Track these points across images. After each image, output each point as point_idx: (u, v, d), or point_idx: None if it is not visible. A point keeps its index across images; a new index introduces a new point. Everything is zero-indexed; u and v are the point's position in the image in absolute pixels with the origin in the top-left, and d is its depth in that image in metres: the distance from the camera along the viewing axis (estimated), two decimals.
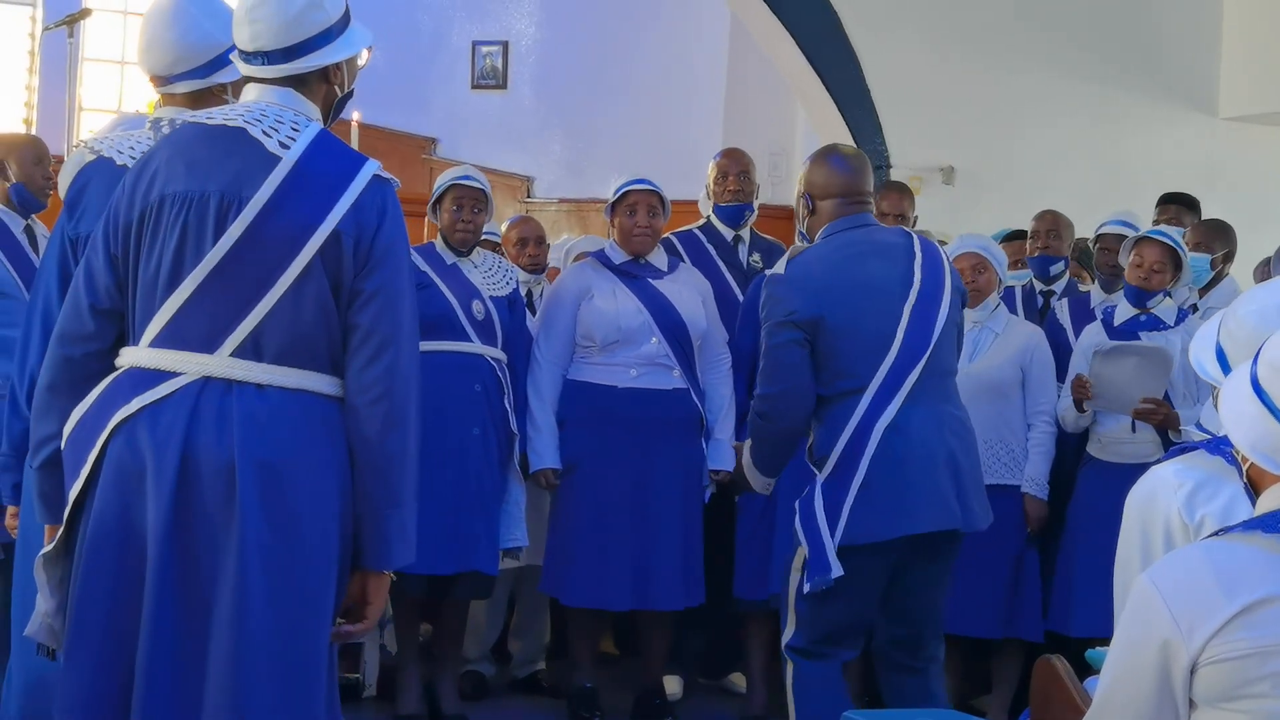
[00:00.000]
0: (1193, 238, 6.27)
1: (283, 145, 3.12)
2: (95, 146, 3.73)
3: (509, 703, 6.18)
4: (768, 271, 4.69)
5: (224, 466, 3.01)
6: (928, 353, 4.51)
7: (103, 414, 3.08)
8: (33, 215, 5.75)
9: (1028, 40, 9.00)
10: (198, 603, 3.02)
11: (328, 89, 3.27)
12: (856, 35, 8.78)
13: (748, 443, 4.75)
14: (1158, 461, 3.15)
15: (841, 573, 4.34)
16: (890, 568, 4.51)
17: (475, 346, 5.55)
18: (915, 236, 4.76)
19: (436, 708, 5.72)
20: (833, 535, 4.40)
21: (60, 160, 5.11)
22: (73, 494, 3.10)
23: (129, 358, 3.14)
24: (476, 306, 5.58)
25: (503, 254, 6.57)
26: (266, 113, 3.17)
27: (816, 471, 4.53)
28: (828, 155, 4.80)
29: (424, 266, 5.47)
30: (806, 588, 4.42)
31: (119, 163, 3.64)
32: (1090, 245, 6.55)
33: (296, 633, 3.05)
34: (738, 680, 6.30)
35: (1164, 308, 5.66)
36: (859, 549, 4.39)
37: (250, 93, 3.25)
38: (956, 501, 4.50)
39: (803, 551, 4.45)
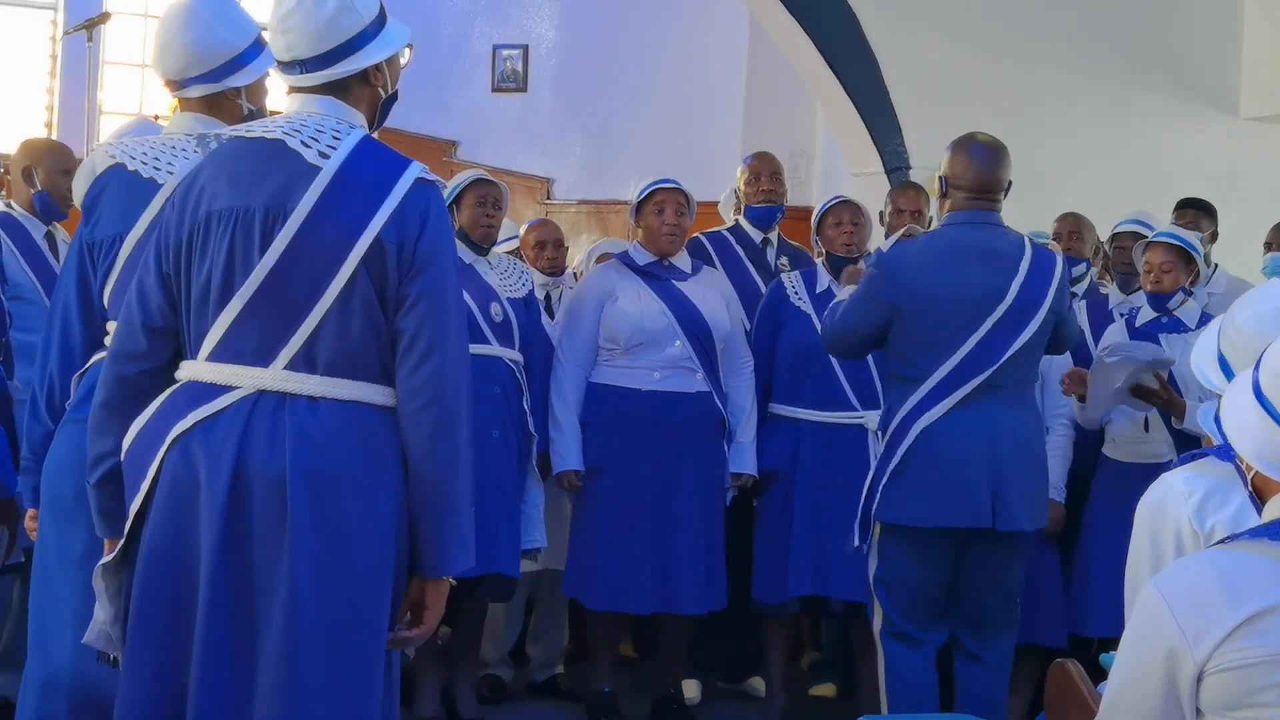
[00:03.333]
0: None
1: (322, 155, 3.10)
2: (111, 152, 3.72)
3: (527, 706, 6.17)
4: (884, 246, 4.99)
5: (276, 480, 3.01)
6: (995, 367, 4.73)
7: (161, 428, 3.09)
8: (54, 222, 5.77)
9: (1048, 40, 8.96)
10: (250, 614, 3.02)
11: (370, 92, 3.25)
12: (875, 35, 8.76)
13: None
14: (1170, 464, 3.13)
15: (857, 543, 4.83)
16: (945, 554, 4.78)
17: (493, 349, 5.55)
18: (1031, 248, 4.89)
19: (454, 711, 5.73)
20: (869, 506, 4.83)
21: None
22: (134, 507, 3.11)
23: (187, 371, 3.14)
24: (494, 308, 5.58)
25: (521, 257, 6.57)
26: (307, 123, 3.16)
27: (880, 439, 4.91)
28: (969, 145, 4.93)
29: None
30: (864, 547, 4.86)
31: (130, 168, 3.64)
32: (1106, 245, 6.54)
33: (349, 643, 3.04)
34: (757, 684, 6.29)
35: (1186, 310, 5.63)
36: (899, 529, 4.76)
37: (293, 103, 3.23)
38: (990, 502, 4.73)
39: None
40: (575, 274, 6.99)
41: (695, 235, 6.29)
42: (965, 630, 4.90)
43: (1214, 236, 6.53)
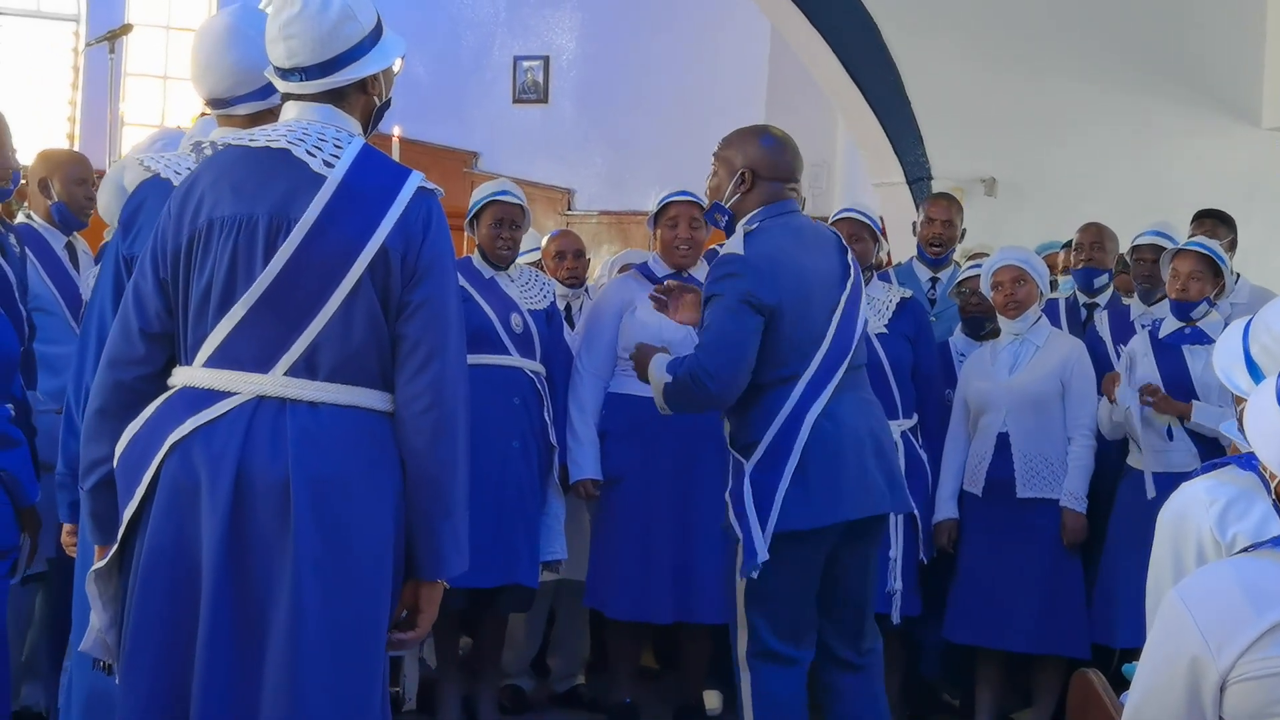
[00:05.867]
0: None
1: (327, 164, 3.11)
2: (150, 165, 3.69)
3: (548, 717, 6.16)
4: (722, 248, 4.56)
5: (278, 484, 3.02)
6: (854, 347, 4.53)
7: (157, 434, 3.09)
8: (74, 233, 5.76)
9: (1069, 50, 8.96)
10: (253, 619, 3.03)
11: (366, 100, 3.26)
12: (896, 46, 8.77)
13: (664, 376, 4.53)
14: (1193, 473, 3.11)
15: (766, 557, 4.31)
16: (823, 555, 4.48)
17: (514, 360, 5.56)
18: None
19: None
20: (764, 523, 4.37)
21: (103, 175, 5.08)
22: (127, 513, 3.11)
23: (182, 377, 3.14)
24: (515, 320, 5.59)
25: (543, 268, 6.58)
26: (309, 131, 3.17)
27: (743, 459, 4.49)
28: (768, 135, 4.68)
29: (462, 280, 5.44)
30: (739, 577, 4.41)
31: (176, 183, 3.59)
32: (1127, 256, 6.53)
33: (351, 646, 3.06)
34: None
35: (1210, 321, 5.60)
36: (794, 535, 4.37)
37: (290, 110, 3.24)
38: (885, 485, 4.52)
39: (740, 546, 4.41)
40: (597, 287, 6.99)
41: (712, 246, 6.28)
42: (841, 640, 4.59)
43: (1233, 245, 6.52)
